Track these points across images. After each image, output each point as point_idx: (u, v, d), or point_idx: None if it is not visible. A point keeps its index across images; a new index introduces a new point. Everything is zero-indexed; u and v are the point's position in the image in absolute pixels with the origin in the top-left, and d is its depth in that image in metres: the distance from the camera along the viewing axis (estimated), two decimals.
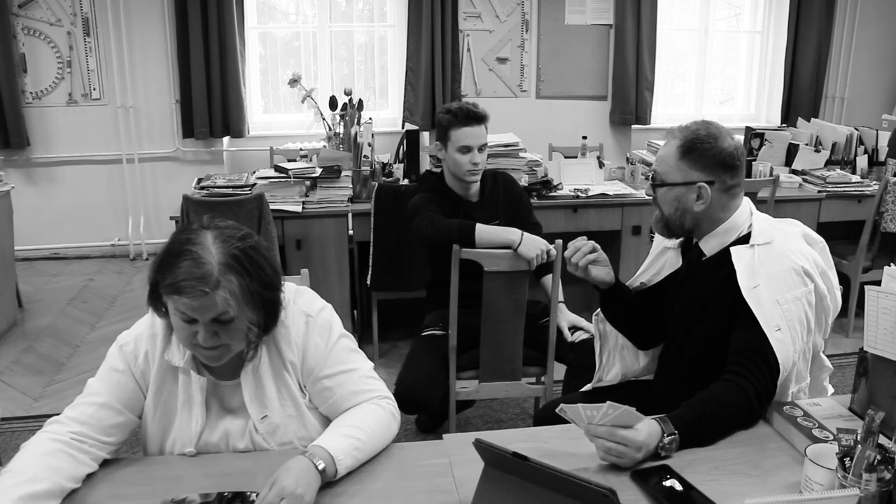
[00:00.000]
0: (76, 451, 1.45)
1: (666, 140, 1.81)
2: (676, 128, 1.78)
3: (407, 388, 2.51)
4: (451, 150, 2.70)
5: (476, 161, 2.68)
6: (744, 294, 1.65)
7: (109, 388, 1.53)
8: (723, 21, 6.34)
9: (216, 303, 1.35)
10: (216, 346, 1.42)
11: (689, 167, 1.73)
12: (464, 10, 5.64)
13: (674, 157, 1.75)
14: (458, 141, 2.67)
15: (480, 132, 2.69)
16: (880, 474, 1.21)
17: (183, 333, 1.43)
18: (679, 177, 1.75)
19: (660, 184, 1.79)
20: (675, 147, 1.75)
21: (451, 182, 2.80)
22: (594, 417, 1.44)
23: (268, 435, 1.55)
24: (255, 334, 1.47)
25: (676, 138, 1.76)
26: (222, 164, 5.61)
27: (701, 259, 1.81)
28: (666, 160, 1.77)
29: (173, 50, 5.37)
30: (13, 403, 3.39)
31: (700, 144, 1.73)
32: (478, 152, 2.68)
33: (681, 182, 1.75)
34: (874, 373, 1.59)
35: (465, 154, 2.68)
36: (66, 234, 5.56)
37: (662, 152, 1.79)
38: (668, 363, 1.94)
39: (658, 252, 1.98)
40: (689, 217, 1.77)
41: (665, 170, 1.77)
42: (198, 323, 1.39)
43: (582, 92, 5.95)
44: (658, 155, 1.82)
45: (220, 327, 1.40)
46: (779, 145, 4.56)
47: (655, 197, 1.81)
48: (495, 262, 2.53)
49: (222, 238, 1.40)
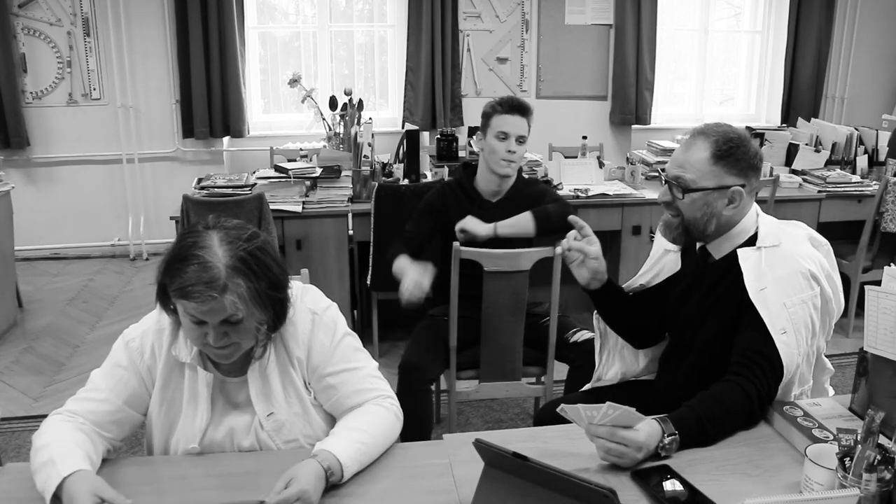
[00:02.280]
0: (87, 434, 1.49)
1: (687, 144, 1.72)
2: (701, 130, 1.71)
3: (412, 362, 2.57)
4: (489, 136, 2.69)
5: (512, 149, 2.65)
6: (751, 296, 1.64)
7: (111, 384, 1.54)
8: (723, 21, 6.34)
9: (225, 306, 1.36)
10: (227, 345, 1.43)
11: (725, 171, 1.68)
12: (464, 10, 5.64)
13: (706, 162, 1.68)
14: (497, 127, 2.66)
15: (521, 124, 2.68)
16: (880, 474, 1.21)
17: (193, 334, 1.44)
18: (712, 182, 1.68)
19: (690, 189, 1.70)
20: (709, 151, 1.68)
21: (482, 176, 2.76)
22: (594, 418, 1.44)
23: (273, 432, 1.56)
24: (263, 333, 1.49)
25: (707, 141, 1.68)
26: (222, 164, 5.61)
27: (708, 262, 1.80)
28: (696, 165, 1.69)
29: (173, 50, 5.37)
30: (13, 403, 3.39)
31: (737, 149, 1.68)
32: (515, 142, 2.66)
33: (713, 187, 1.68)
34: (874, 373, 1.59)
35: (501, 141, 2.66)
36: (66, 234, 5.56)
37: (690, 156, 1.70)
38: (671, 364, 1.94)
39: (659, 255, 1.96)
40: (714, 222, 1.72)
41: (695, 175, 1.69)
42: (207, 325, 1.40)
43: (582, 92, 5.95)
44: (681, 159, 1.71)
45: (230, 328, 1.41)
46: (779, 145, 4.57)
47: (676, 202, 1.73)
48: (495, 262, 2.53)
49: (228, 240, 1.40)
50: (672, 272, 1.92)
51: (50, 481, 1.33)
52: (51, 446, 1.40)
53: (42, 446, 1.41)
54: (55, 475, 1.33)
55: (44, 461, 1.37)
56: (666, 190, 1.74)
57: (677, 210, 1.74)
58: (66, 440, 1.43)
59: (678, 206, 1.73)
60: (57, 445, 1.40)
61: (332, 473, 1.39)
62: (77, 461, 1.38)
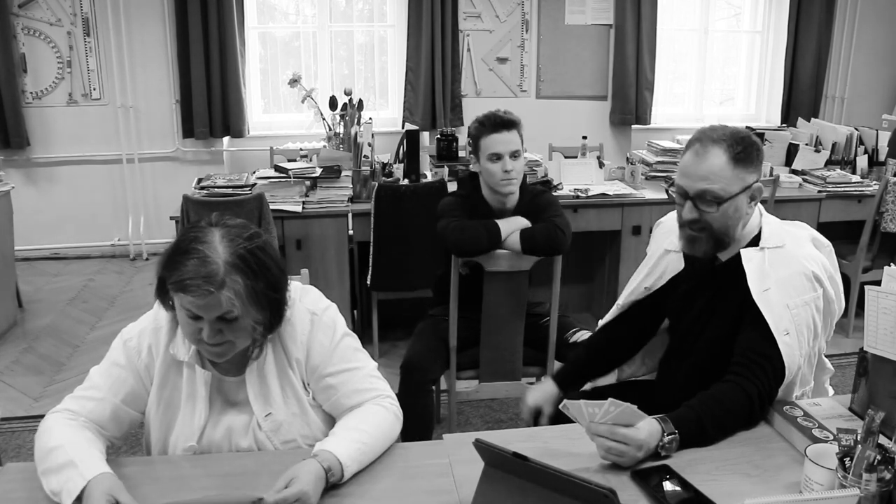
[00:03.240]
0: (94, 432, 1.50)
1: (698, 155, 1.65)
2: (707, 138, 1.65)
3: (414, 363, 2.56)
4: (482, 159, 2.58)
5: (508, 168, 2.55)
6: (754, 297, 1.64)
7: (109, 382, 1.54)
8: (723, 21, 6.34)
9: (221, 302, 1.37)
10: (220, 342, 1.43)
11: (745, 171, 1.65)
12: (464, 10, 5.64)
13: (728, 168, 1.63)
14: (488, 149, 2.56)
15: (510, 138, 2.56)
16: (880, 474, 1.21)
17: (188, 329, 1.44)
18: (738, 186, 1.64)
19: (723, 200, 1.64)
20: (726, 156, 1.63)
21: (488, 194, 2.65)
22: (596, 415, 1.44)
23: (271, 433, 1.56)
24: (259, 333, 1.48)
25: (720, 147, 1.63)
26: (222, 164, 5.61)
27: (715, 264, 1.78)
28: (720, 174, 1.63)
29: (173, 50, 5.37)
30: (13, 403, 3.39)
31: (749, 146, 1.65)
32: (510, 159, 2.55)
33: (740, 191, 1.65)
34: (874, 373, 1.59)
35: (495, 162, 2.55)
36: (66, 234, 5.56)
37: (710, 167, 1.63)
38: (671, 365, 1.94)
39: (659, 255, 1.92)
40: (740, 224, 1.69)
41: (723, 184, 1.63)
42: (203, 320, 1.40)
43: (582, 92, 5.95)
44: (703, 172, 1.64)
45: (225, 325, 1.41)
46: (779, 145, 4.57)
47: (704, 216, 1.66)
48: (495, 262, 2.53)
49: (230, 237, 1.41)
50: (675, 272, 1.88)
51: (72, 483, 1.33)
52: (67, 448, 1.39)
53: (56, 447, 1.40)
54: (78, 478, 1.33)
55: (62, 463, 1.37)
56: (692, 207, 1.67)
57: (703, 224, 1.67)
58: (81, 441, 1.43)
59: (707, 219, 1.66)
60: (74, 447, 1.40)
61: (332, 473, 1.39)
62: (99, 463, 1.38)
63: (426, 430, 2.61)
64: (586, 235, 3.95)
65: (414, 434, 2.22)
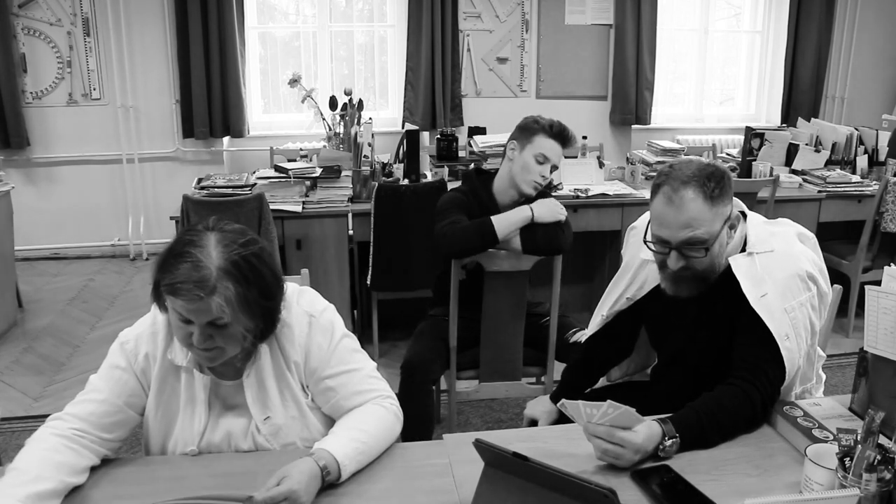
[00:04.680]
0: (78, 446, 1.46)
1: (672, 202, 1.59)
2: (675, 177, 1.59)
3: (415, 363, 2.56)
4: (527, 152, 2.59)
5: (545, 174, 2.60)
6: (752, 304, 1.62)
7: (110, 385, 1.53)
8: (723, 21, 6.34)
9: (211, 308, 1.35)
10: (210, 347, 1.42)
11: (722, 205, 1.61)
12: (464, 10, 5.64)
13: (706, 209, 1.59)
14: (540, 148, 2.58)
15: (561, 153, 2.65)
16: (880, 474, 1.21)
17: (180, 333, 1.43)
18: (719, 223, 1.62)
19: (709, 244, 1.61)
20: (702, 197, 1.58)
21: (503, 188, 2.65)
22: (594, 416, 1.44)
23: (270, 436, 1.55)
24: (249, 342, 1.47)
25: (693, 189, 1.58)
26: (222, 164, 5.61)
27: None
28: (700, 218, 1.58)
29: (173, 50, 5.37)
30: (13, 403, 3.39)
31: (720, 179, 1.60)
32: (550, 169, 2.61)
33: (721, 227, 1.63)
34: (874, 373, 1.59)
35: (539, 164, 2.58)
36: (66, 234, 5.56)
37: (689, 212, 1.58)
38: (666, 373, 1.94)
39: (637, 265, 1.88)
40: (724, 254, 1.68)
41: (705, 227, 1.59)
42: (193, 324, 1.39)
43: (582, 92, 5.95)
44: (683, 220, 1.59)
45: (215, 331, 1.40)
46: (779, 145, 4.56)
47: (694, 260, 1.63)
48: (495, 262, 2.53)
49: (224, 242, 1.39)
50: (656, 282, 1.81)
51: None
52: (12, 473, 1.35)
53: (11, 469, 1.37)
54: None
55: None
56: (678, 256, 1.63)
57: (688, 265, 1.64)
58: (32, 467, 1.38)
59: (693, 263, 1.64)
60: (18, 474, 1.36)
61: (328, 472, 1.39)
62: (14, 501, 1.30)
63: (426, 430, 2.61)
64: (586, 235, 3.95)
65: (414, 434, 2.21)
